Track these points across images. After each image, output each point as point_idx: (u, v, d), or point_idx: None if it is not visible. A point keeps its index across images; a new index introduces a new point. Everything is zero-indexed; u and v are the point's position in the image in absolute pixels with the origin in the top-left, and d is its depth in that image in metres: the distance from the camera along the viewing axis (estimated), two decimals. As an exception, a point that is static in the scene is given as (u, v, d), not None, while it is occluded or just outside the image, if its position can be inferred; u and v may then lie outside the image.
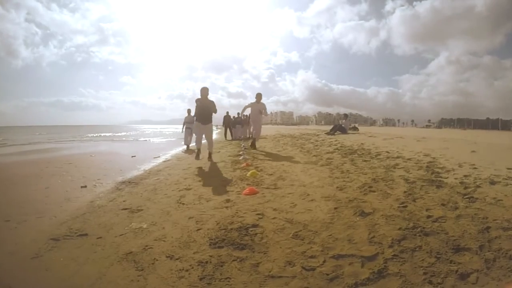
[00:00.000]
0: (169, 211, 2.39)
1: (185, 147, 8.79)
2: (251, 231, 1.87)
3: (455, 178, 2.97)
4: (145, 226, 2.06)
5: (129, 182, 3.62)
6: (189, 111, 9.37)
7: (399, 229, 1.78)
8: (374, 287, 1.26)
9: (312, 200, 2.50)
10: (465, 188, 2.60)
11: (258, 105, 7.04)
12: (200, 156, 5.19)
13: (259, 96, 7.09)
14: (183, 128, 9.11)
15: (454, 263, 1.39)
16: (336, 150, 5.91)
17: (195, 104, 5.26)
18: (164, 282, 1.36)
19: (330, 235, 1.77)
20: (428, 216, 1.96)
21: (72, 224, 2.15)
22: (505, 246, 1.51)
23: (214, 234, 1.84)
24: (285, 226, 1.94)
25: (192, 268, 1.46)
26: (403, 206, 2.19)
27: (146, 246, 1.73)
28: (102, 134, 24.13)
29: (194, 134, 6.00)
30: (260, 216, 2.13)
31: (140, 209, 2.44)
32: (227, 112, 13.81)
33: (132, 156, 6.46)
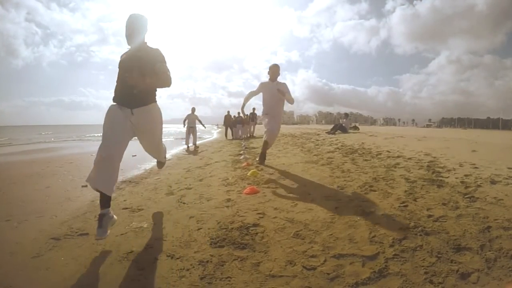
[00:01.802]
0: (170, 210, 2.39)
1: (185, 146, 8.80)
2: (252, 230, 1.87)
3: (456, 178, 2.97)
4: (145, 225, 2.07)
5: (130, 181, 3.62)
6: (193, 109, 9.39)
7: (400, 228, 1.78)
8: (375, 287, 1.26)
9: (312, 199, 2.50)
10: (466, 187, 2.60)
11: (275, 85, 3.88)
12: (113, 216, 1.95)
13: (274, 69, 3.92)
14: (184, 123, 9.12)
15: (455, 263, 1.39)
16: (337, 150, 5.91)
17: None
18: (165, 282, 1.36)
19: (331, 234, 1.77)
20: (429, 216, 1.96)
21: (72, 223, 2.15)
22: (506, 246, 1.50)
23: (215, 234, 1.84)
24: (285, 225, 1.94)
25: (193, 267, 1.46)
26: (404, 206, 2.19)
27: (147, 245, 1.73)
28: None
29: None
30: (261, 216, 2.13)
31: (141, 209, 2.44)
32: (228, 112, 13.84)
33: (133, 155, 6.46)
